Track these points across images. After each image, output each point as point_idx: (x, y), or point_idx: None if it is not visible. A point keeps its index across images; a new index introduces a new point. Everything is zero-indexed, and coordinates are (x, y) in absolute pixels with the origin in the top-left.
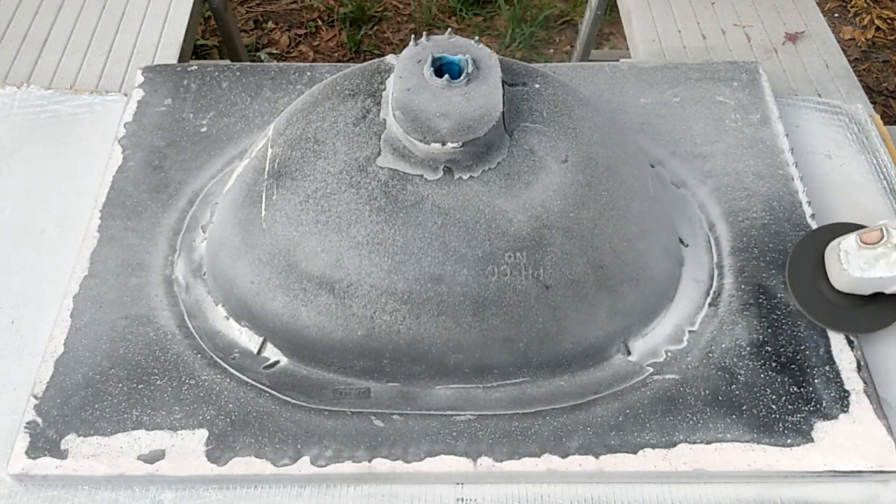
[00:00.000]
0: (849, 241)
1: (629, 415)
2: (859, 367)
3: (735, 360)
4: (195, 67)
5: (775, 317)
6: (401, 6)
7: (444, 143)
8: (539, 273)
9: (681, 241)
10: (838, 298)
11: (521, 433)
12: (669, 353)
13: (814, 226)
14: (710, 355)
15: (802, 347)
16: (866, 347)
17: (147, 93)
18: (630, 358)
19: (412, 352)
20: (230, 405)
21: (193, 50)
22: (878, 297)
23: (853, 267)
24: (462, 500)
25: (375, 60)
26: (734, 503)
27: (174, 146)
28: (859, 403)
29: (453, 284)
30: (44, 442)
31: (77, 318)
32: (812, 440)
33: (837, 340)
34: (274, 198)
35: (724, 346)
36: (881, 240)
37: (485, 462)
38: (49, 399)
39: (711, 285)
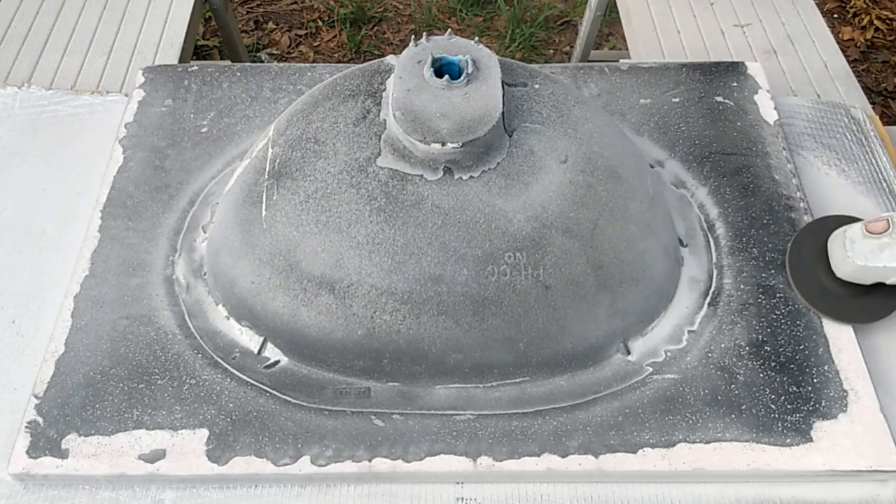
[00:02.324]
0: (854, 230)
1: (629, 414)
2: (858, 367)
3: (734, 359)
4: (196, 68)
5: (774, 317)
6: (401, 7)
7: (444, 144)
8: (539, 273)
9: (680, 241)
10: (838, 288)
11: (521, 433)
12: (669, 353)
13: None
14: (710, 355)
15: (801, 347)
16: (864, 341)
17: (148, 93)
18: (630, 358)
19: (412, 351)
20: (231, 405)
21: (194, 50)
22: (878, 288)
23: (857, 255)
24: (462, 499)
25: (375, 61)
26: (733, 502)
27: (175, 146)
28: (858, 403)
29: (453, 284)
30: (45, 441)
31: (78, 318)
32: (811, 440)
33: (837, 340)
34: (274, 198)
35: (723, 345)
36: (887, 230)
37: (485, 461)
38: (50, 399)
39: (711, 285)
